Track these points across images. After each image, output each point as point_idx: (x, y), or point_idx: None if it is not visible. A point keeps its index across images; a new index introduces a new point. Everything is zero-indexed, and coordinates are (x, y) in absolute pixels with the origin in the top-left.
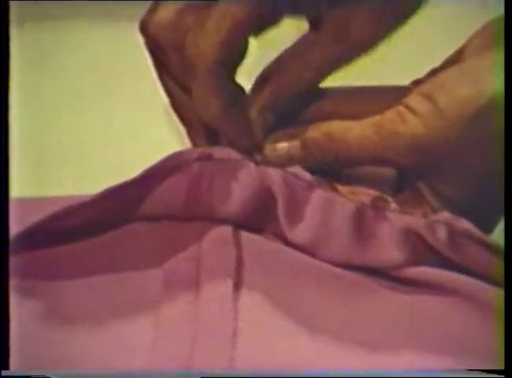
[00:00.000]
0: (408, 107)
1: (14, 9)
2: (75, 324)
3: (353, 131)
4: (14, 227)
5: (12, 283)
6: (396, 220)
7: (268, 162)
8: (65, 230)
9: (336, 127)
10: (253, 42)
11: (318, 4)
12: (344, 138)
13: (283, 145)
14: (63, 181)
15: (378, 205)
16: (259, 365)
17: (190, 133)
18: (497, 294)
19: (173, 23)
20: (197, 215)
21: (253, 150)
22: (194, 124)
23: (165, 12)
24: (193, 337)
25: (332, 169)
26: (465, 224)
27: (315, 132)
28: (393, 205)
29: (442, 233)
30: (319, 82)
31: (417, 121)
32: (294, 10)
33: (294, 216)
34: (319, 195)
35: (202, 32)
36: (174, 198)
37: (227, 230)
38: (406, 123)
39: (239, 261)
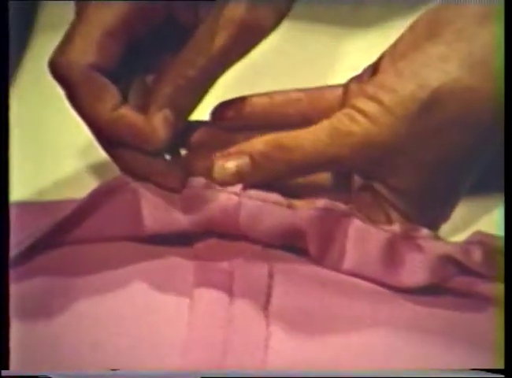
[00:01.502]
0: (356, 108)
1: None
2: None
3: (305, 137)
4: (14, 230)
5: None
6: (431, 248)
7: (218, 182)
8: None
9: (286, 136)
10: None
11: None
12: (298, 146)
13: (231, 163)
14: (63, 183)
15: (409, 235)
16: (290, 367)
17: None
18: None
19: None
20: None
21: (159, 151)
22: None
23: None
24: (225, 341)
25: (282, 182)
26: (498, 241)
27: (263, 145)
28: (424, 232)
29: (477, 254)
30: (215, 74)
31: (367, 121)
32: (171, 13)
33: (330, 249)
34: (355, 226)
35: (70, 42)
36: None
37: (258, 248)
38: (358, 123)
39: (271, 273)
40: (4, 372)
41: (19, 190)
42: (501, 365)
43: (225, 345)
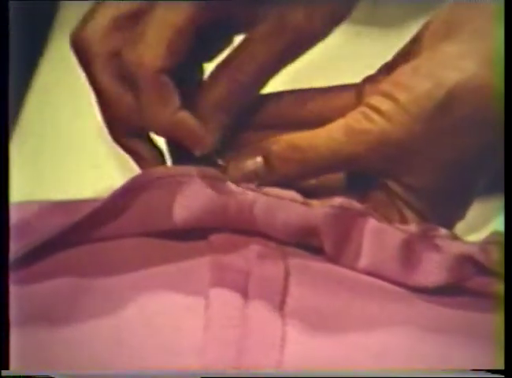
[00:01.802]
0: (371, 106)
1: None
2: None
3: (319, 137)
4: (14, 230)
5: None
6: (448, 247)
7: (234, 181)
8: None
9: (300, 137)
10: None
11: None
12: (312, 146)
13: (246, 163)
14: (63, 183)
15: (426, 234)
16: (305, 367)
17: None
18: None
19: (107, 33)
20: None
21: (210, 155)
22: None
23: (98, 24)
24: (240, 341)
25: (297, 182)
26: None
27: (277, 146)
28: (442, 232)
29: (495, 253)
30: (266, 78)
31: (382, 118)
32: (232, 13)
33: (346, 247)
34: (372, 225)
35: (142, 42)
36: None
37: (272, 244)
38: (373, 121)
39: (286, 273)
40: (4, 372)
41: (19, 191)
42: (501, 366)
43: (241, 345)
